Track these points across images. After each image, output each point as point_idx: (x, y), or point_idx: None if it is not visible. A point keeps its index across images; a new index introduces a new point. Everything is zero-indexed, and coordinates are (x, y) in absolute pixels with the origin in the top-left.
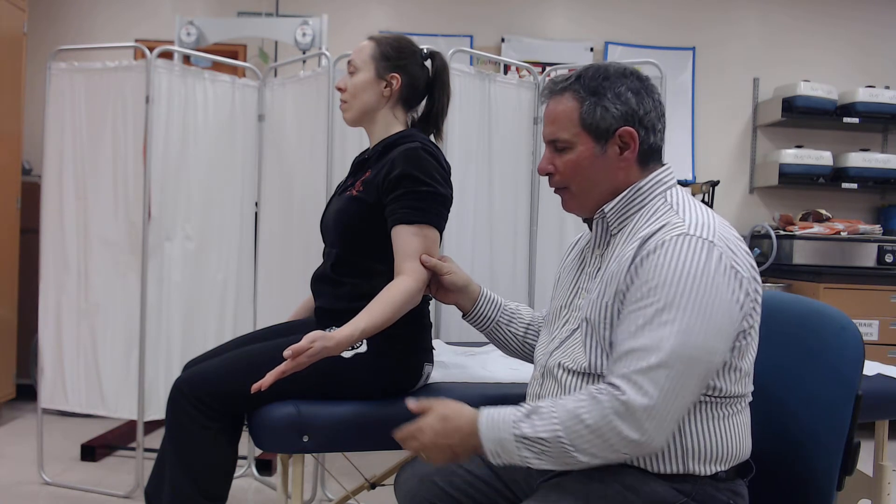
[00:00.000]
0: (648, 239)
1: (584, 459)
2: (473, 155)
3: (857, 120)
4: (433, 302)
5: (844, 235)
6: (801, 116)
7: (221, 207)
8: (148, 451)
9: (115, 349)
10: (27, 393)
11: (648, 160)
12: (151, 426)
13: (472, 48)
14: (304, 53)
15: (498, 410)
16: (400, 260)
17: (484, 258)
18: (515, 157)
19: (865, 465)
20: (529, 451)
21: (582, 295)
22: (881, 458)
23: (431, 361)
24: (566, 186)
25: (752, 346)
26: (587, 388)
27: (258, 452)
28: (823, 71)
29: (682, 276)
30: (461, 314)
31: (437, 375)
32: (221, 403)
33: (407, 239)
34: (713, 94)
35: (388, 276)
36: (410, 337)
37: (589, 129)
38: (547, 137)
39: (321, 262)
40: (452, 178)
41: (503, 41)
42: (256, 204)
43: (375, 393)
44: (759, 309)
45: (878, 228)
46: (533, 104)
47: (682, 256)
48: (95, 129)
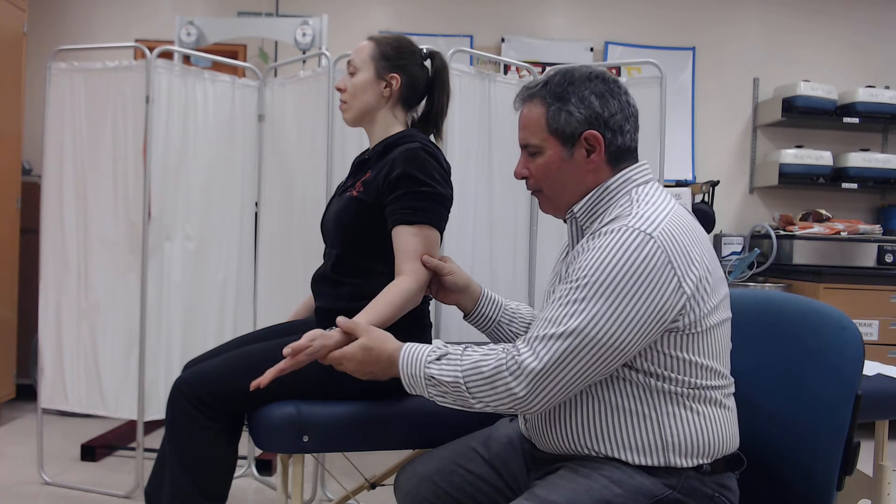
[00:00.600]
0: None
1: (477, 406)
2: (473, 155)
3: (857, 120)
4: (433, 302)
5: (844, 235)
6: (801, 116)
7: (221, 207)
8: (148, 451)
9: (115, 349)
10: (27, 393)
11: (619, 161)
12: (151, 426)
13: (472, 48)
14: (304, 53)
15: (416, 349)
16: (400, 260)
17: (484, 258)
18: (515, 157)
19: (865, 465)
20: (435, 389)
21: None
22: (881, 458)
23: None
24: (540, 189)
25: (706, 341)
26: (502, 344)
27: (258, 452)
28: (823, 71)
29: (607, 262)
30: (462, 315)
31: None
32: (221, 403)
33: (407, 239)
34: (713, 94)
35: (388, 276)
36: (410, 337)
37: (555, 133)
38: (520, 142)
39: (321, 262)
40: (452, 178)
41: (503, 41)
42: (256, 204)
43: (375, 393)
44: (709, 305)
45: (878, 228)
46: None
47: (613, 245)
48: (95, 129)
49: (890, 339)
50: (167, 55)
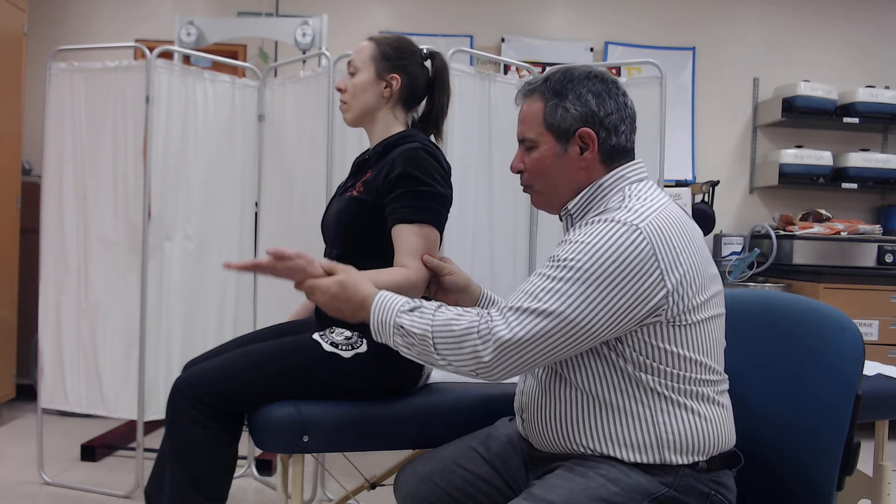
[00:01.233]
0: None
1: (440, 363)
2: (473, 155)
3: (857, 120)
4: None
5: (844, 235)
6: (801, 116)
7: (221, 207)
8: (148, 451)
9: (115, 349)
10: (27, 393)
11: (613, 160)
12: (151, 426)
13: (472, 48)
14: (304, 53)
15: (391, 297)
16: (400, 257)
17: (484, 258)
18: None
19: (865, 465)
20: (402, 339)
21: None
22: (881, 458)
23: None
24: (532, 184)
25: (695, 335)
26: (476, 308)
27: (258, 452)
28: (823, 71)
29: (592, 248)
30: None
31: (436, 375)
32: (221, 403)
33: (407, 237)
34: (713, 94)
35: None
36: None
37: (551, 129)
38: (518, 137)
39: None
40: (452, 178)
41: (503, 41)
42: (256, 204)
43: (375, 393)
44: (697, 300)
45: (878, 228)
46: None
47: (600, 233)
48: (95, 129)
49: (890, 339)
50: (167, 55)
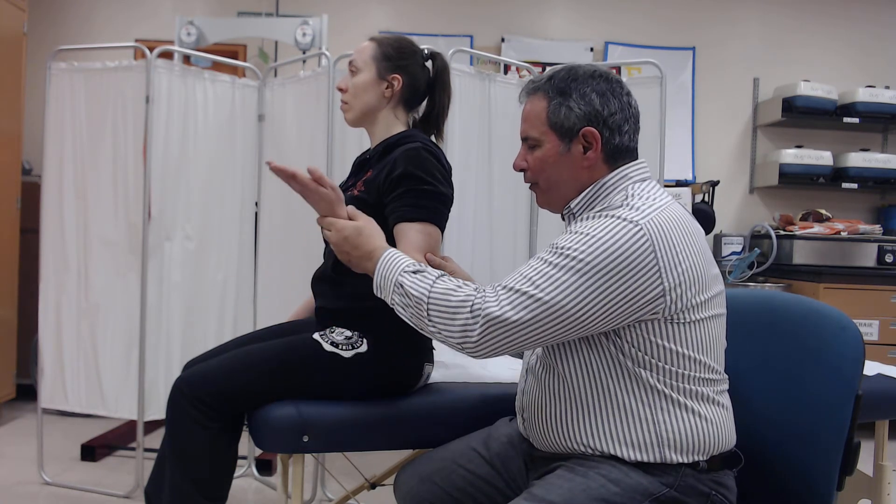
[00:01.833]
0: None
1: (429, 329)
2: (473, 155)
3: (857, 120)
4: None
5: (844, 235)
6: (801, 116)
7: (221, 207)
8: (148, 451)
9: (115, 349)
10: (27, 393)
11: (616, 160)
12: (151, 426)
13: (472, 48)
14: (304, 53)
15: (400, 256)
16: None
17: (484, 258)
18: (515, 156)
19: (865, 465)
20: (400, 299)
21: None
22: (881, 458)
23: (432, 361)
24: (536, 182)
25: (694, 333)
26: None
27: (258, 452)
28: (823, 71)
29: (593, 240)
30: None
31: (437, 375)
32: (221, 403)
33: (410, 235)
34: (713, 94)
35: None
36: (411, 337)
37: (554, 127)
38: (521, 135)
39: (321, 262)
40: (453, 178)
41: (503, 41)
42: (256, 204)
43: (376, 393)
44: (697, 299)
45: (878, 228)
46: None
47: (602, 227)
48: (95, 129)
49: (890, 339)
50: (167, 55)
